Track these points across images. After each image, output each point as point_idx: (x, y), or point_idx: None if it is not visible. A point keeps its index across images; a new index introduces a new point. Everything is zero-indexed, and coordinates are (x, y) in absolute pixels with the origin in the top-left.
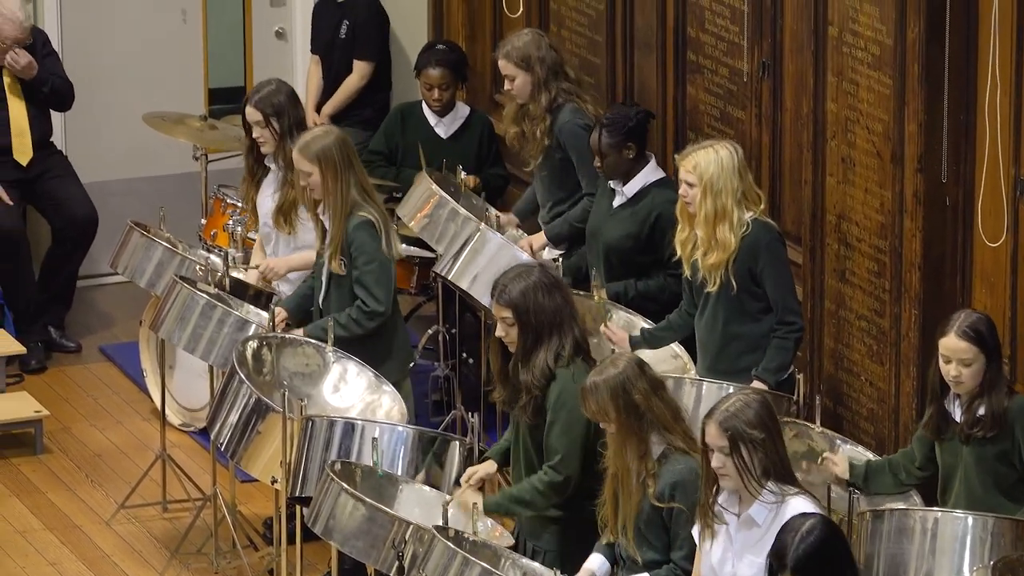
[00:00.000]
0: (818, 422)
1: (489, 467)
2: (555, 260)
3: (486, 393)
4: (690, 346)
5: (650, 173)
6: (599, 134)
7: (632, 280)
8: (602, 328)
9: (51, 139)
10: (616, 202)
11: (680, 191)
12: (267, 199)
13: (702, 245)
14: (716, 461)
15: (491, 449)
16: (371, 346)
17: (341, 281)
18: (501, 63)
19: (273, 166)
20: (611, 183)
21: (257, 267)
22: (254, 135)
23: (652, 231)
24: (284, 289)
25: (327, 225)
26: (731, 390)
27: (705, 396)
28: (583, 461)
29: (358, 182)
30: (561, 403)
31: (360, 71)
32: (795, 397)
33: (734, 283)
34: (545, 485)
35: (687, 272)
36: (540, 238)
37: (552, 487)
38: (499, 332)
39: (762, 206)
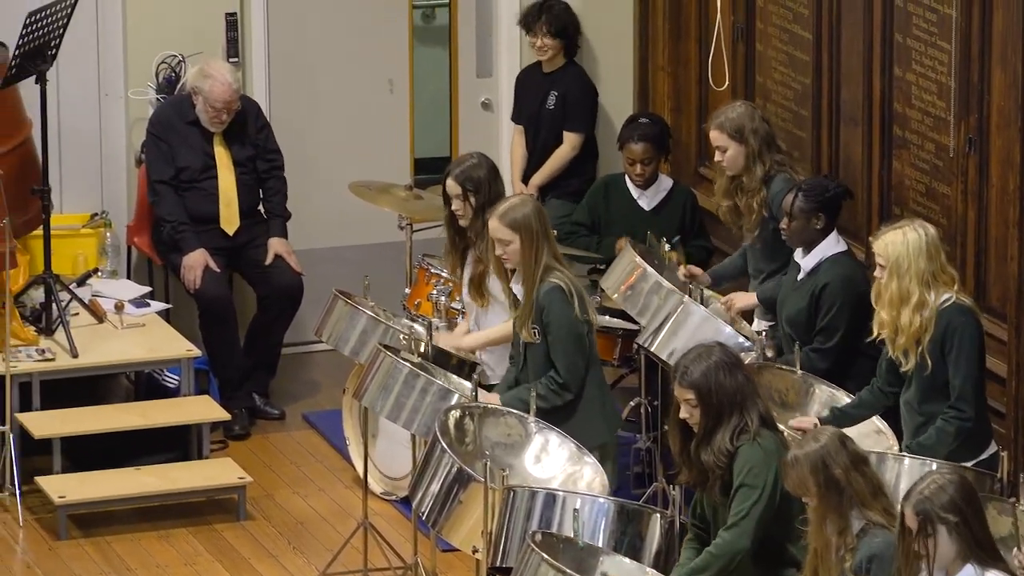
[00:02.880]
0: (1022, 500)
1: None
2: (760, 333)
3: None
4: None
5: (828, 247)
6: (794, 196)
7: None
8: (790, 422)
9: (258, 207)
10: (799, 276)
11: (875, 272)
12: (470, 271)
13: (888, 327)
14: (914, 544)
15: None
16: (575, 412)
17: (535, 349)
18: (714, 134)
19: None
20: (794, 256)
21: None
22: (452, 207)
23: (817, 300)
24: (486, 359)
25: (519, 294)
26: (933, 467)
27: (907, 472)
28: (762, 532)
29: (551, 251)
30: (746, 469)
31: (571, 142)
32: (998, 475)
33: (929, 362)
34: (719, 547)
35: (890, 351)
36: (747, 297)
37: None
38: (683, 414)
39: (955, 287)
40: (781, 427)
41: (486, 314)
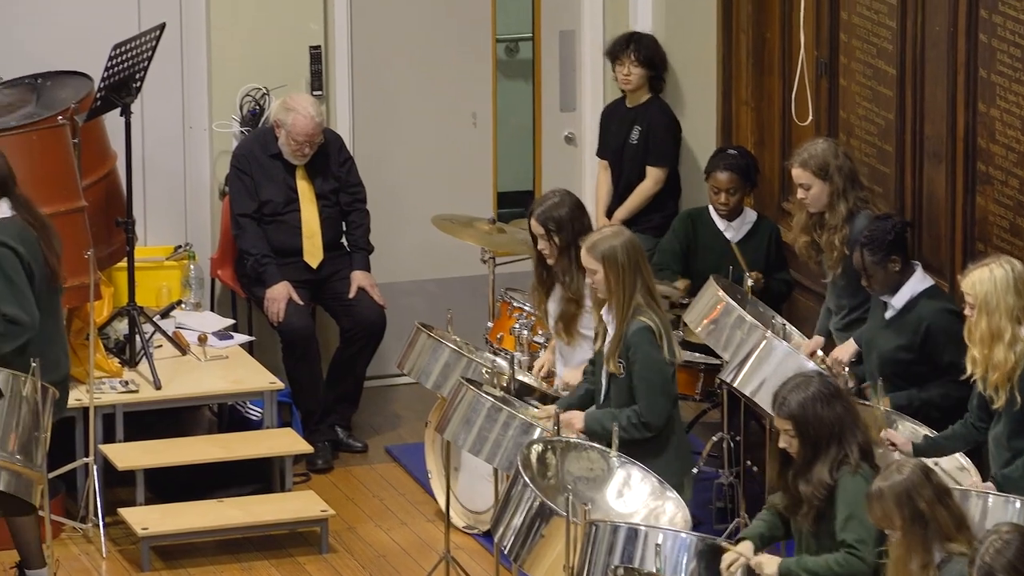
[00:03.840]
0: None
1: (746, 548)
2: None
3: None
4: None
5: (917, 283)
6: (861, 254)
7: (914, 390)
8: (883, 433)
9: (341, 240)
10: (888, 314)
11: (965, 311)
12: (556, 306)
13: (980, 365)
14: None
15: (747, 530)
16: (652, 450)
17: (619, 382)
18: (796, 172)
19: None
20: (881, 296)
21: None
22: (538, 247)
23: (925, 342)
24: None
25: (608, 325)
26: (1017, 505)
27: (992, 509)
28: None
29: (644, 286)
30: (854, 499)
31: (654, 178)
32: None
33: (1018, 398)
34: (841, 565)
35: (980, 386)
36: (848, 348)
37: (850, 567)
38: (782, 443)
39: None
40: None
41: (573, 351)
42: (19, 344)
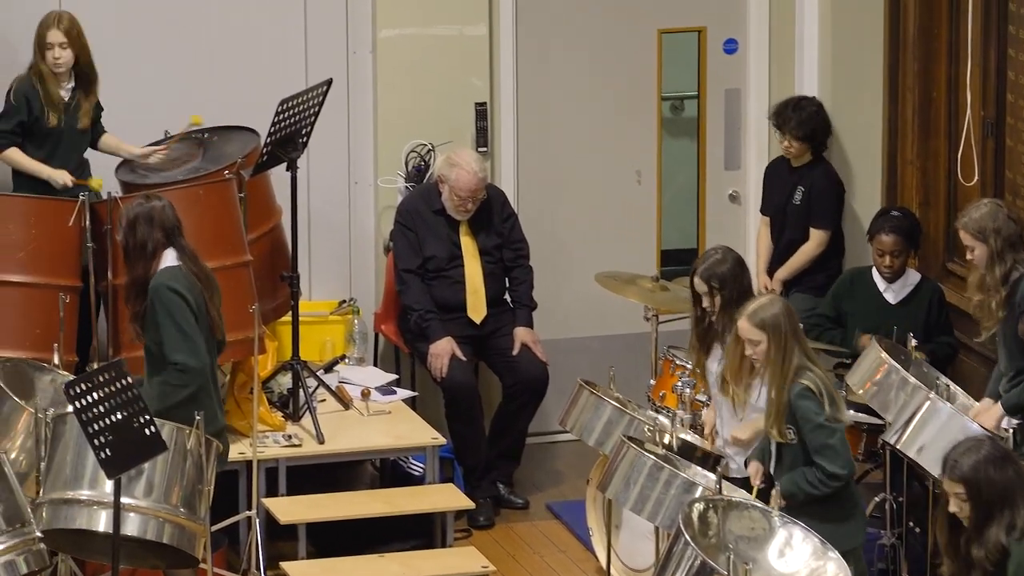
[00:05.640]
0: None
1: None
2: (1007, 430)
3: (933, 565)
4: None
5: None
6: (1019, 322)
7: None
8: None
9: (504, 296)
10: None
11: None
12: (716, 365)
13: None
14: None
15: None
16: (827, 509)
17: (792, 449)
18: (961, 233)
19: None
20: None
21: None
22: (701, 304)
23: None
24: (730, 452)
25: (766, 393)
26: None
27: None
28: None
29: (802, 350)
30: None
31: (817, 239)
32: None
33: None
34: None
35: None
36: (992, 414)
37: None
38: (952, 507)
39: None
40: None
41: (735, 408)
42: (190, 391)
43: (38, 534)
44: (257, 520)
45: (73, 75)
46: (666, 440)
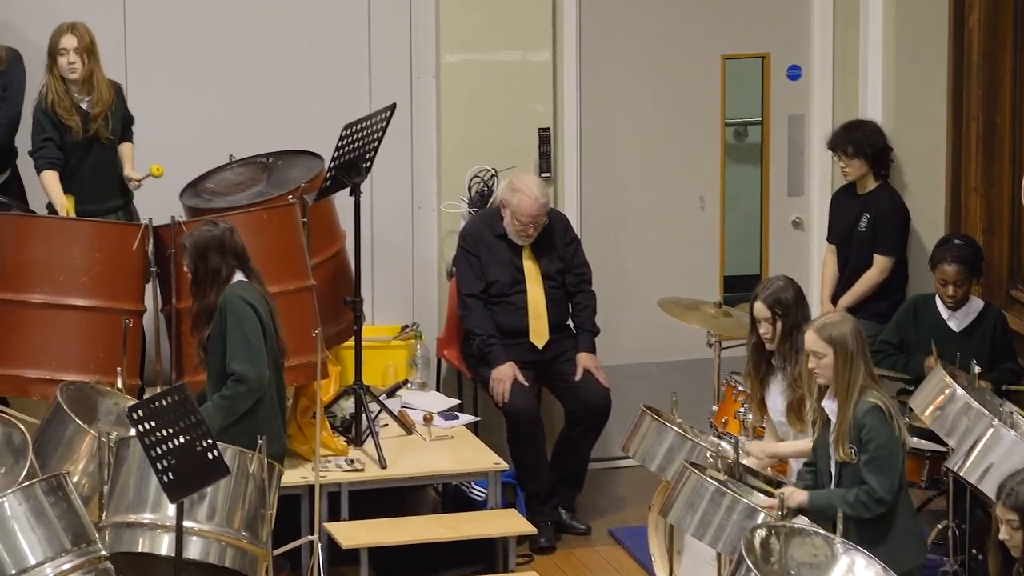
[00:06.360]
0: None
1: None
2: None
3: None
4: None
5: None
6: None
7: None
8: None
9: (567, 321)
10: None
11: None
12: (776, 396)
13: None
14: None
15: None
16: (887, 535)
17: (852, 468)
18: None
19: (776, 364)
20: None
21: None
22: (761, 331)
23: None
24: (794, 479)
25: (831, 414)
26: None
27: None
28: None
29: (867, 371)
30: None
31: (880, 266)
32: None
33: None
34: None
35: None
36: None
37: None
38: (1003, 535)
39: None
40: None
41: (803, 436)
42: (250, 404)
43: (103, 552)
44: (319, 544)
45: (89, 86)
46: (728, 465)
